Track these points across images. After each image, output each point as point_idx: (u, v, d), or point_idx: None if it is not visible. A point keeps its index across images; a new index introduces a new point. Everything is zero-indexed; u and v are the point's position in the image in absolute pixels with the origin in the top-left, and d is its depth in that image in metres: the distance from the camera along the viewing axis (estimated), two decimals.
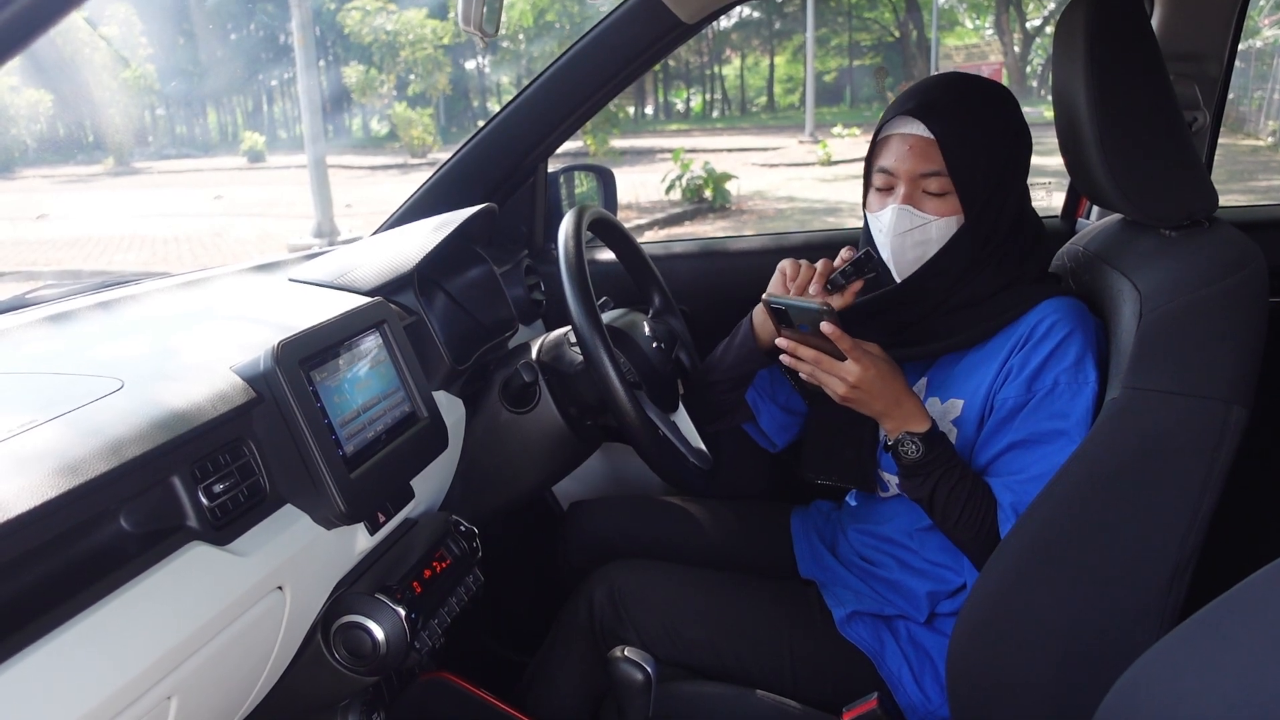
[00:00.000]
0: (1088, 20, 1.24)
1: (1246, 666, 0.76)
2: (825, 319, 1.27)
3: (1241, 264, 1.17)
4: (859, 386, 1.29)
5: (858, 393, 1.30)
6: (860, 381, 1.29)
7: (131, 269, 9.31)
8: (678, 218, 11.53)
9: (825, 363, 1.31)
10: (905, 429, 1.31)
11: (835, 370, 1.30)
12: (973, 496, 1.29)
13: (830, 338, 1.28)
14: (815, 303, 1.29)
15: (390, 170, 17.84)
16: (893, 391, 1.30)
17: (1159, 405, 1.14)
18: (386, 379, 1.26)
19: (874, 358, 1.30)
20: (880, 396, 1.30)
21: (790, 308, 1.31)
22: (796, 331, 1.33)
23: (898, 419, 1.31)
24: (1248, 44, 18.37)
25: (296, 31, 10.72)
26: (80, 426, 0.90)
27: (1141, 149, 1.24)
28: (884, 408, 1.31)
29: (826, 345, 1.30)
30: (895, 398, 1.31)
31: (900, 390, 1.31)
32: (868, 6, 27.21)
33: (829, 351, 1.30)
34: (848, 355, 1.29)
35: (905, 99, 1.36)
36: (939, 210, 1.34)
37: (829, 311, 1.28)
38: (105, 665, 0.80)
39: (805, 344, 1.32)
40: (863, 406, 1.32)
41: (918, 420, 1.31)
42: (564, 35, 17.51)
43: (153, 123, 25.99)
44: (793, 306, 1.31)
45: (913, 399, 1.32)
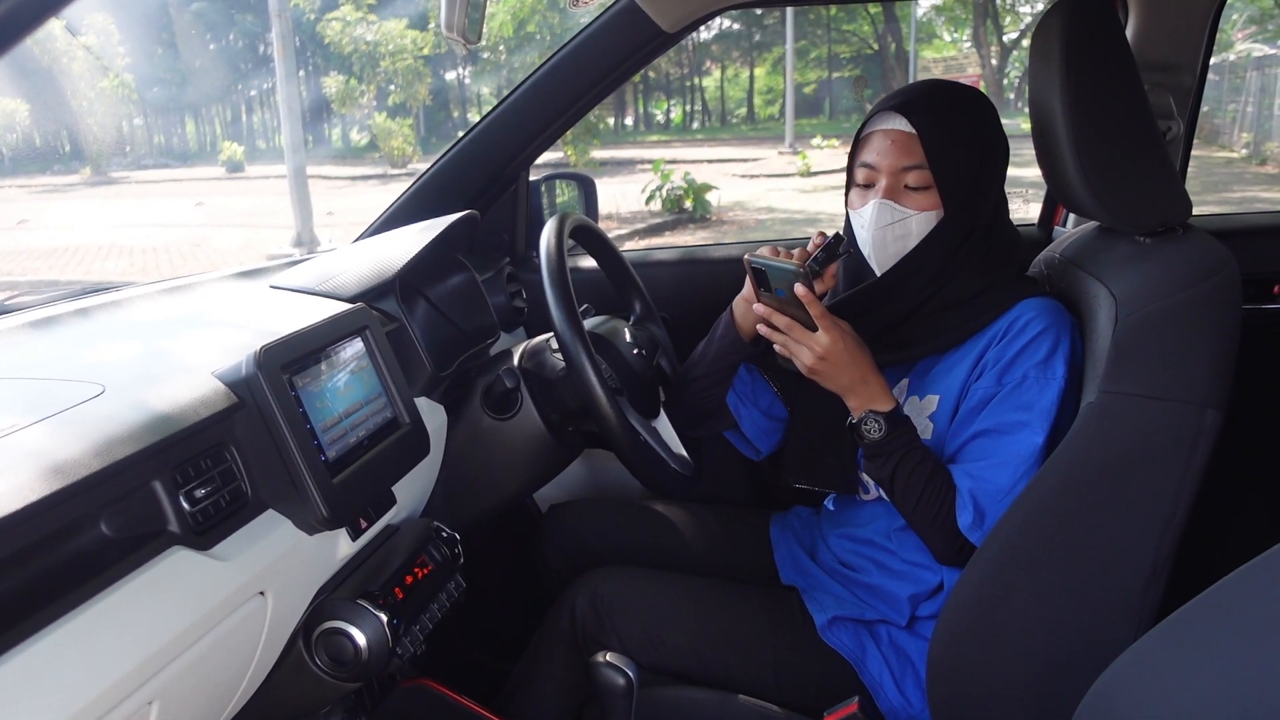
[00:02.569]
0: (1063, 29, 1.26)
1: (1222, 666, 0.77)
2: (799, 280, 1.31)
3: (1215, 270, 1.19)
4: (827, 358, 1.33)
5: (825, 364, 1.33)
6: (828, 353, 1.32)
7: (110, 279, 9.24)
8: (658, 228, 11.55)
9: (797, 331, 1.34)
10: (869, 407, 1.35)
11: (805, 339, 1.34)
12: (932, 479, 1.32)
13: (802, 300, 1.31)
14: (792, 264, 1.33)
15: (370, 180, 17.78)
16: (859, 367, 1.34)
17: (1135, 409, 1.16)
18: (368, 385, 1.26)
19: (843, 330, 1.33)
20: (847, 371, 1.33)
21: (769, 268, 1.35)
22: (774, 297, 1.36)
23: (863, 396, 1.35)
24: (1221, 57, 18.59)
25: (276, 41, 10.69)
26: (61, 431, 0.89)
27: (1116, 157, 1.26)
28: (849, 383, 1.34)
29: (800, 314, 1.33)
30: (861, 374, 1.34)
31: (866, 367, 1.35)
32: (847, 19, 27.38)
33: (803, 320, 1.34)
34: (818, 324, 1.32)
35: (889, 98, 1.41)
36: (919, 204, 1.37)
37: (804, 274, 1.31)
38: (85, 671, 0.80)
39: (780, 310, 1.36)
40: (829, 380, 1.35)
41: (882, 399, 1.35)
42: (545, 46, 17.51)
43: (131, 132, 25.82)
44: (770, 266, 1.34)
45: (878, 378, 1.35)
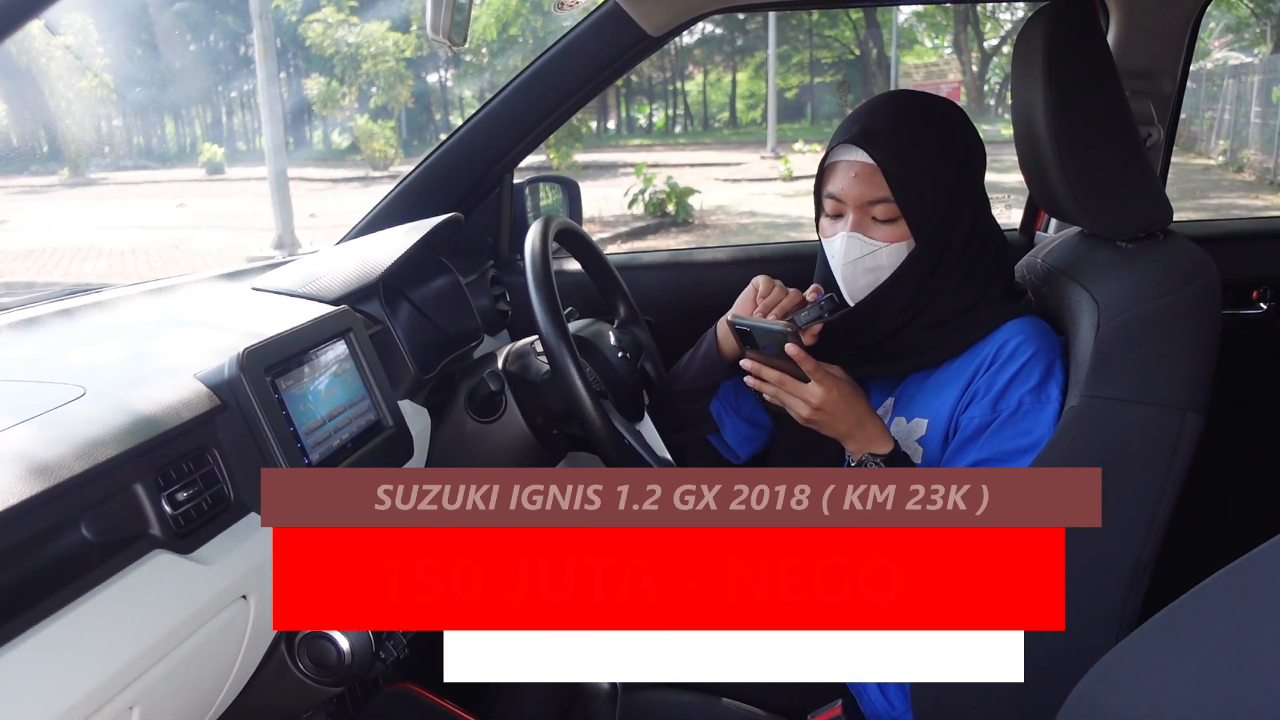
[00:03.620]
0: (1045, 37, 1.27)
1: (1203, 668, 0.77)
2: (789, 340, 1.28)
3: (1196, 275, 1.20)
4: (822, 409, 1.30)
5: (821, 414, 1.31)
6: (823, 404, 1.30)
7: (90, 281, 9.17)
8: (641, 232, 11.56)
9: (789, 384, 1.32)
10: (868, 450, 1.32)
11: (798, 392, 1.31)
12: None
13: (794, 359, 1.28)
14: (779, 325, 1.30)
15: (352, 183, 17.71)
16: (855, 413, 1.31)
17: (1117, 413, 1.17)
18: (352, 388, 1.26)
19: (836, 379, 1.31)
20: (843, 419, 1.31)
21: (755, 329, 1.32)
22: (760, 353, 1.34)
23: (860, 440, 1.32)
24: (1199, 65, 18.76)
25: (258, 43, 10.66)
26: (42, 433, 0.88)
27: (1098, 163, 1.27)
28: (847, 429, 1.32)
29: (790, 367, 1.30)
30: (858, 419, 1.31)
31: (863, 412, 1.32)
32: (828, 24, 27.46)
33: (792, 373, 1.31)
34: (811, 377, 1.30)
35: (849, 124, 1.36)
36: (888, 236, 1.34)
37: (793, 333, 1.28)
38: (66, 675, 0.79)
39: (769, 365, 1.33)
40: (826, 428, 1.33)
41: (880, 442, 1.32)
42: (528, 49, 17.49)
43: (110, 133, 25.63)
44: (757, 328, 1.32)
45: (875, 421, 1.33)
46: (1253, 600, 0.77)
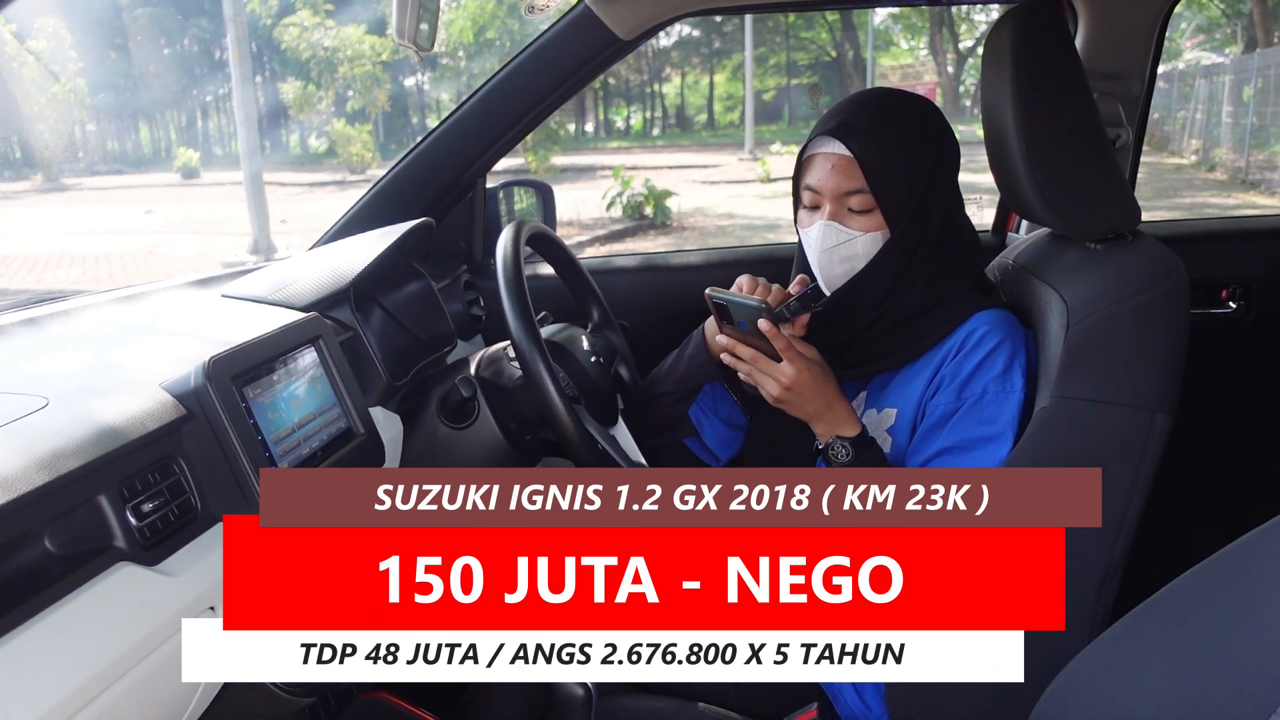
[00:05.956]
0: (1013, 38, 1.27)
1: (1173, 666, 0.78)
2: (762, 315, 1.30)
3: (1164, 275, 1.21)
4: (792, 388, 1.33)
5: (791, 394, 1.33)
6: (794, 383, 1.32)
7: (61, 288, 9.08)
8: (619, 234, 11.56)
9: (762, 362, 1.34)
10: (836, 433, 1.34)
11: (770, 371, 1.34)
12: None
13: (767, 335, 1.30)
14: (754, 300, 1.32)
15: (328, 187, 17.64)
16: (825, 395, 1.34)
17: (1086, 414, 1.17)
18: (322, 395, 1.25)
19: (808, 360, 1.33)
20: (812, 399, 1.33)
21: (731, 303, 1.35)
22: (736, 329, 1.37)
23: (829, 422, 1.35)
24: (1171, 65, 18.94)
25: (232, 46, 10.60)
26: (3, 445, 0.87)
27: (1066, 165, 1.27)
28: (816, 410, 1.34)
29: (764, 345, 1.33)
30: (827, 401, 1.34)
31: (832, 394, 1.34)
32: (805, 26, 27.56)
33: (766, 352, 1.34)
34: (783, 355, 1.32)
35: (827, 118, 1.39)
36: (864, 226, 1.37)
37: (766, 309, 1.31)
38: (30, 690, 0.78)
39: (744, 342, 1.36)
40: (795, 409, 1.35)
41: (848, 425, 1.35)
42: (504, 52, 17.47)
43: (83, 138, 25.42)
44: (733, 302, 1.35)
45: (844, 403, 1.35)
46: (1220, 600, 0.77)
